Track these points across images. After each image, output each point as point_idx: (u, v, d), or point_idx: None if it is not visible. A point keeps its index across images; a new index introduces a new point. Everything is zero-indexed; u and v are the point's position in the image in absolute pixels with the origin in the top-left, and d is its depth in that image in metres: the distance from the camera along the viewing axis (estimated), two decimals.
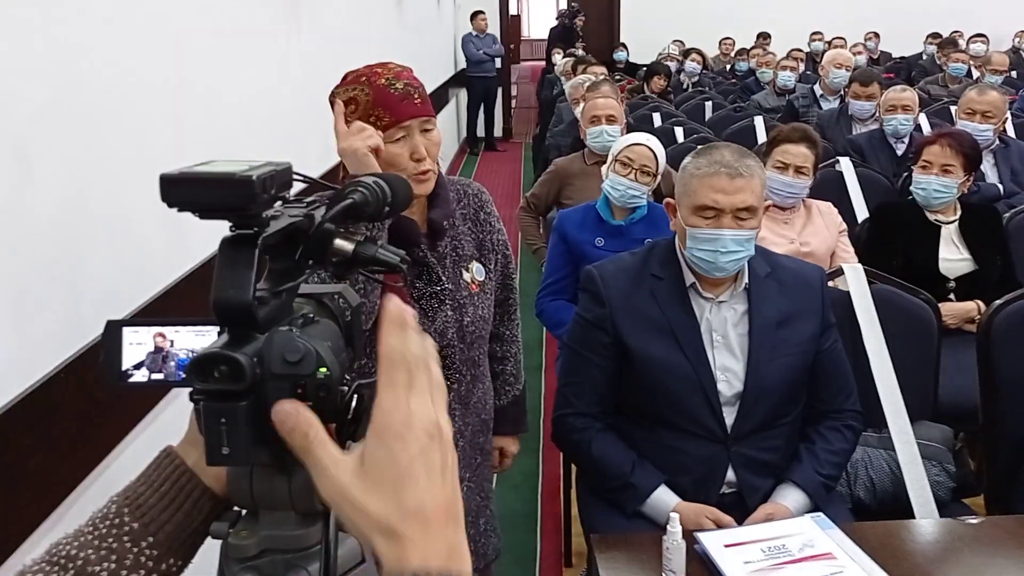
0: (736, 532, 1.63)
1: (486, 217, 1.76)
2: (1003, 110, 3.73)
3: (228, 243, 0.64)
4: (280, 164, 0.65)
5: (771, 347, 1.86)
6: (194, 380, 0.62)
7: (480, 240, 1.74)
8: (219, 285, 0.63)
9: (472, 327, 1.68)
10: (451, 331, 1.65)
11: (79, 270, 1.61)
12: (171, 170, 0.60)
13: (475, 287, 1.70)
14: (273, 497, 0.72)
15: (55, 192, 1.52)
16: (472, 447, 1.77)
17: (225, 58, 2.46)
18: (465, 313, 1.67)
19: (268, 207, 0.64)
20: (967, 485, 2.13)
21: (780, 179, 2.88)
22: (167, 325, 0.75)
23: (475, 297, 1.69)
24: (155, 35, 1.98)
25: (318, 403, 0.63)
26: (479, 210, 1.75)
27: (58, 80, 1.56)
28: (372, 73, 1.55)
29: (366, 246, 0.76)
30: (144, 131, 1.91)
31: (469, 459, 1.77)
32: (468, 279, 1.69)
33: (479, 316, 1.70)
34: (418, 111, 1.54)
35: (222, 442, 0.62)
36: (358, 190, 0.74)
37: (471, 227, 1.73)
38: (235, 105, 2.53)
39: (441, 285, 1.64)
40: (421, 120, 1.54)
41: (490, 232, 1.76)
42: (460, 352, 1.67)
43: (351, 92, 1.54)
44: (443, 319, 1.64)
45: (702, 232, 1.83)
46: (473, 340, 1.70)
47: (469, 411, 1.74)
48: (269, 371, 0.63)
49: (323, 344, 0.65)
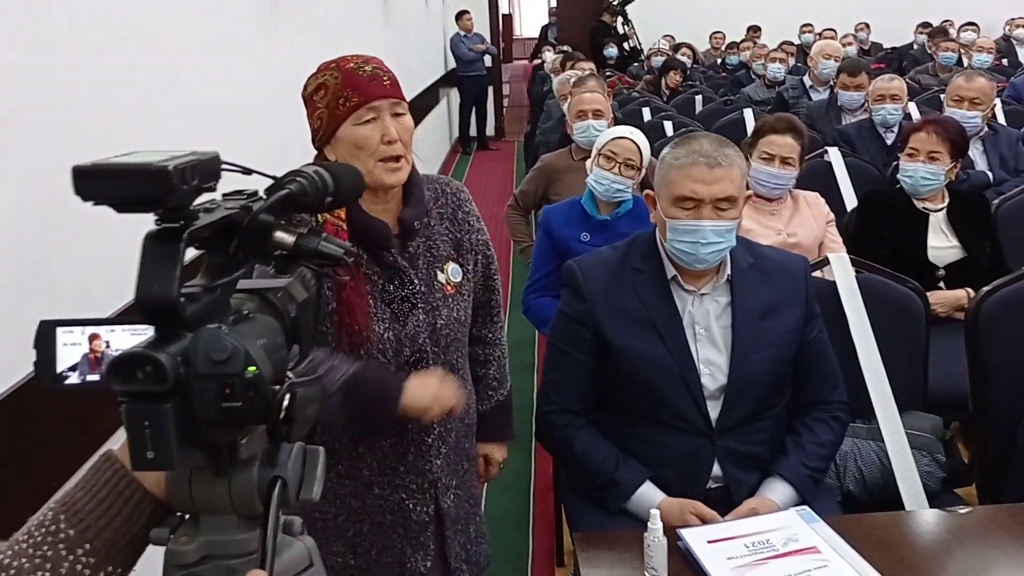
0: (719, 528, 1.60)
1: (464, 216, 1.71)
2: (991, 96, 3.71)
3: (152, 238, 0.61)
4: (205, 153, 0.62)
5: (754, 339, 1.83)
6: (115, 382, 0.59)
7: (458, 240, 1.69)
8: (142, 282, 0.60)
9: (446, 330, 1.63)
10: (423, 335, 1.60)
11: (53, 273, 1.58)
12: (84, 161, 0.58)
13: (450, 289, 1.65)
14: (213, 501, 0.70)
15: (27, 197, 1.49)
16: (457, 453, 1.73)
17: (201, 58, 2.43)
18: (439, 316, 1.62)
19: (190, 199, 0.61)
20: (958, 475, 2.11)
21: (766, 170, 2.85)
22: (101, 324, 0.73)
23: (450, 299, 1.64)
24: (130, 36, 1.96)
25: (247, 403, 0.60)
26: (457, 209, 1.70)
27: (28, 80, 1.53)
28: (341, 59, 1.55)
29: (308, 239, 0.73)
30: (118, 133, 1.89)
31: (455, 466, 1.72)
32: (443, 280, 1.64)
33: (453, 318, 1.65)
34: (388, 92, 1.52)
35: (146, 446, 0.60)
36: (296, 180, 0.72)
37: (449, 226, 1.68)
38: (213, 105, 2.50)
39: (413, 288, 1.59)
40: (391, 102, 1.52)
41: (468, 232, 1.71)
42: (435, 356, 1.62)
43: (321, 79, 1.53)
44: (414, 323, 1.59)
45: (682, 224, 1.80)
46: (448, 343, 1.65)
47: (450, 416, 1.68)
48: (195, 371, 0.60)
49: (254, 342, 0.63)
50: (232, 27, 2.76)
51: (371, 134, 1.50)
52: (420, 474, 1.65)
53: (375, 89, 1.50)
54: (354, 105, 1.49)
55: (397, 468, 1.63)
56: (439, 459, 1.67)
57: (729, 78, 7.95)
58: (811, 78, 5.62)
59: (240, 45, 2.82)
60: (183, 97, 2.26)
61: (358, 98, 1.49)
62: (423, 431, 1.63)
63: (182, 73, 2.28)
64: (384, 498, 1.64)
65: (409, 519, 1.66)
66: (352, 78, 1.50)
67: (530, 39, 19.61)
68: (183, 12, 2.32)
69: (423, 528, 1.67)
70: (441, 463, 1.67)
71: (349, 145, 1.51)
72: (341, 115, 1.50)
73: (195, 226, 0.62)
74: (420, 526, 1.67)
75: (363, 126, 1.49)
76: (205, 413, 0.61)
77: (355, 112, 1.49)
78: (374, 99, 1.50)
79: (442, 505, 1.69)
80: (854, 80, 4.53)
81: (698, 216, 1.79)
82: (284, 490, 0.69)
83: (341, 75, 1.50)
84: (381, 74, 1.53)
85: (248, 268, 0.71)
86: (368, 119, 1.50)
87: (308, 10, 3.73)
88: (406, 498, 1.65)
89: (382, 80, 1.52)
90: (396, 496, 1.65)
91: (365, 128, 1.50)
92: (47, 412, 1.46)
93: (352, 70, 1.51)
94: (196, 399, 0.60)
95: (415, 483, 1.65)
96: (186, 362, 0.60)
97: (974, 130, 3.66)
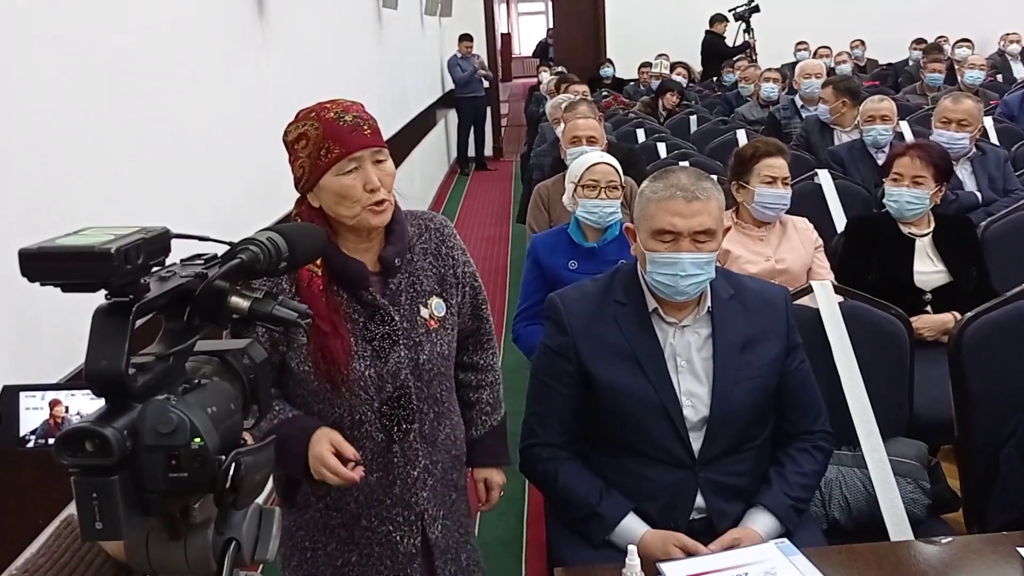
0: (699, 561, 1.61)
1: (448, 251, 1.73)
2: (978, 118, 3.73)
3: (101, 313, 0.63)
4: (152, 230, 0.64)
5: (736, 370, 1.84)
6: (64, 455, 0.61)
7: (442, 275, 1.71)
8: (91, 356, 0.62)
9: (429, 365, 1.65)
10: (405, 371, 1.62)
11: (37, 312, 1.60)
12: (30, 244, 0.60)
13: (434, 323, 1.67)
14: (170, 563, 0.72)
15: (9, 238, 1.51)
16: (444, 484, 1.75)
17: (191, 82, 2.45)
18: (421, 351, 1.64)
19: (136, 277, 0.63)
20: (944, 501, 2.11)
21: (772, 192, 2.88)
22: (63, 389, 0.74)
23: (433, 334, 1.67)
24: (115, 68, 1.98)
25: (192, 474, 0.62)
26: (441, 244, 1.72)
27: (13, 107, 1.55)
28: (321, 108, 1.55)
29: (263, 303, 0.75)
30: (107, 163, 1.91)
31: (442, 497, 1.74)
32: (426, 315, 1.66)
33: (437, 353, 1.67)
34: (368, 142, 1.54)
35: (95, 517, 0.61)
36: (248, 248, 0.74)
37: (432, 261, 1.70)
38: (199, 138, 2.52)
39: (393, 325, 1.61)
40: (372, 151, 1.54)
41: (453, 266, 1.73)
42: (418, 391, 1.65)
43: (301, 128, 1.54)
44: (396, 359, 1.61)
45: (661, 256, 1.81)
46: (432, 377, 1.67)
47: (437, 449, 1.71)
48: (143, 443, 0.62)
49: (202, 412, 0.64)
50: (222, 50, 2.79)
51: (354, 183, 1.52)
52: (407, 507, 1.67)
53: (357, 140, 1.52)
54: (336, 157, 1.50)
55: (384, 501, 1.66)
56: (425, 491, 1.69)
57: (721, 97, 7.99)
58: (800, 98, 5.68)
59: (230, 69, 2.84)
60: (173, 123, 2.28)
61: (339, 150, 1.50)
62: (409, 464, 1.65)
63: (171, 97, 2.30)
64: (372, 529, 1.67)
65: (397, 551, 1.68)
66: (333, 129, 1.51)
67: (529, 58, 19.75)
68: (171, 37, 2.34)
69: (410, 560, 1.69)
70: (428, 495, 1.69)
71: (332, 194, 1.53)
72: (323, 166, 1.51)
73: (145, 299, 0.64)
74: (408, 557, 1.69)
75: (345, 176, 1.51)
76: (153, 484, 0.62)
77: (337, 163, 1.51)
78: (355, 150, 1.51)
79: (430, 536, 1.70)
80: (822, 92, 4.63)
81: (676, 248, 1.80)
82: (238, 551, 0.71)
83: (322, 125, 1.51)
84: (362, 123, 1.54)
85: (203, 333, 0.72)
86: (350, 169, 1.52)
87: (299, 32, 3.77)
88: (393, 530, 1.67)
89: (363, 130, 1.53)
90: (383, 528, 1.67)
91: (347, 178, 1.51)
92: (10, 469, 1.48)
93: (332, 120, 1.52)
94: (144, 470, 0.61)
95: (401, 515, 1.67)
96: (133, 435, 0.62)
97: (962, 151, 3.68)
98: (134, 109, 2.06)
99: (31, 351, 1.63)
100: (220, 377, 0.74)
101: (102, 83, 1.89)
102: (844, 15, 10.62)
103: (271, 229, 0.79)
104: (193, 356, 0.74)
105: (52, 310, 1.63)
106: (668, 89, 7.24)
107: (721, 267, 2.00)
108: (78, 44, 1.81)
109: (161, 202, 2.16)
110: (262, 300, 0.75)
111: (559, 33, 13.36)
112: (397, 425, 1.63)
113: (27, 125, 1.61)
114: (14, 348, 1.56)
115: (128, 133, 2.01)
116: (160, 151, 2.21)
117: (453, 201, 9.30)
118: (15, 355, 1.56)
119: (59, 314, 1.64)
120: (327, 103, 1.56)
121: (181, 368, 0.71)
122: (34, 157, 1.63)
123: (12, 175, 1.56)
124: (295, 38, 3.66)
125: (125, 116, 2.00)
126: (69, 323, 1.63)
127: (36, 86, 1.64)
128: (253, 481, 0.65)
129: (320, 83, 4.13)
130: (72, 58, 1.80)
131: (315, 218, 1.55)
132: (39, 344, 1.65)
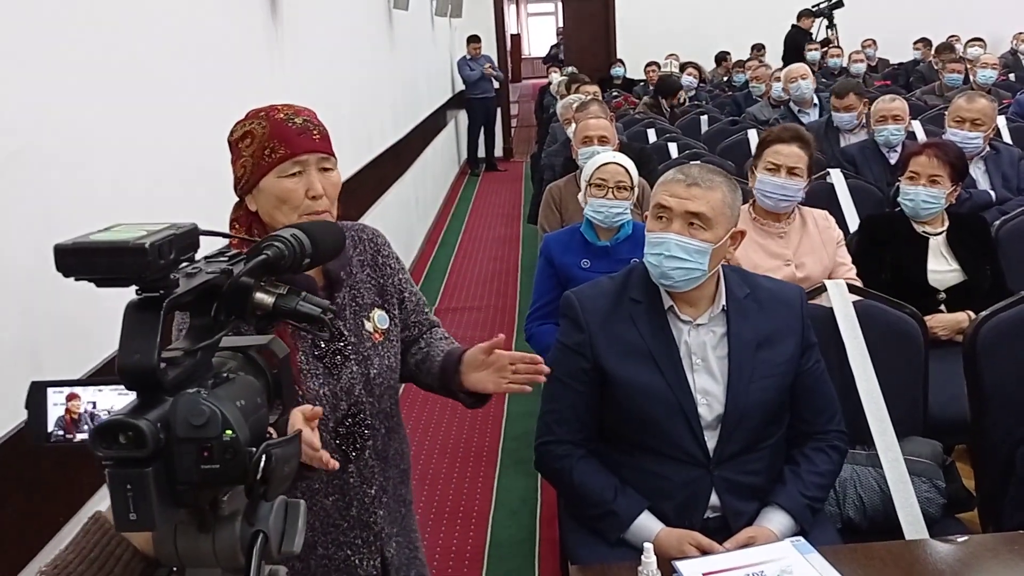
0: (715, 559, 1.61)
1: (384, 260, 1.67)
2: (992, 117, 3.72)
3: (133, 307, 0.64)
4: (182, 226, 0.65)
5: (751, 369, 1.85)
6: (98, 447, 0.62)
7: (381, 286, 1.66)
8: (124, 351, 0.63)
9: (379, 379, 1.59)
10: (358, 387, 1.56)
11: (47, 319, 1.61)
12: (66, 240, 0.61)
13: (378, 336, 1.61)
14: (198, 555, 0.73)
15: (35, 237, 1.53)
16: (396, 500, 1.69)
17: (204, 86, 2.47)
18: (371, 366, 1.58)
19: (167, 272, 0.64)
20: (959, 501, 2.10)
21: (771, 180, 2.74)
22: (89, 385, 0.75)
23: (379, 347, 1.61)
24: (129, 69, 2.00)
25: (224, 465, 0.63)
26: (376, 254, 1.67)
27: (30, 118, 1.57)
28: (271, 109, 1.49)
29: (287, 299, 0.76)
30: (123, 169, 1.93)
31: (394, 513, 1.68)
32: (370, 328, 1.60)
33: (385, 366, 1.61)
34: (316, 146, 1.47)
35: (129, 508, 0.62)
36: (274, 245, 0.75)
37: (370, 273, 1.65)
38: (213, 139, 2.54)
39: (344, 340, 1.56)
40: (319, 156, 1.48)
41: (390, 275, 1.67)
42: (370, 406, 1.58)
43: (248, 126, 1.48)
44: (348, 375, 1.55)
45: (653, 236, 1.84)
46: (383, 392, 1.61)
47: (389, 464, 1.65)
48: (175, 435, 0.63)
49: (232, 405, 0.65)
50: (235, 53, 2.80)
51: (295, 188, 1.45)
52: (365, 527, 1.61)
53: (303, 142, 1.46)
54: (280, 157, 1.44)
55: (340, 524, 1.59)
56: (381, 509, 1.63)
57: (731, 97, 7.98)
58: (794, 102, 5.70)
59: (244, 70, 2.86)
60: (187, 124, 2.30)
61: (284, 150, 1.44)
62: (365, 483, 1.60)
63: (185, 107, 2.32)
64: (329, 557, 1.59)
65: (355, 575, 1.61)
66: (280, 129, 1.45)
67: (538, 59, 19.77)
68: (186, 38, 2.36)
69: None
70: (383, 513, 1.63)
71: (272, 197, 1.46)
72: (265, 166, 1.45)
73: (175, 294, 0.65)
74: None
75: (288, 179, 1.45)
76: (185, 476, 0.63)
77: (280, 164, 1.45)
78: (301, 153, 1.45)
79: (386, 555, 1.65)
80: (842, 102, 4.59)
81: (667, 228, 1.82)
82: (266, 543, 0.72)
83: (269, 125, 1.46)
84: (311, 127, 1.49)
85: (229, 329, 0.73)
86: (293, 172, 1.45)
87: (312, 34, 3.78)
88: (352, 554, 1.60)
89: (311, 134, 1.48)
90: (341, 553, 1.60)
91: (289, 181, 1.45)
92: (48, 451, 1.49)
93: (281, 120, 1.47)
94: (176, 462, 0.62)
95: (360, 537, 1.61)
96: (166, 427, 0.63)
97: (976, 151, 3.67)
98: (147, 110, 2.08)
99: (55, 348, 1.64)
100: (245, 372, 0.75)
101: (115, 84, 1.90)
102: (854, 13, 10.58)
103: (295, 226, 0.80)
104: (218, 352, 0.75)
105: (69, 308, 1.64)
106: (677, 89, 7.24)
107: (736, 267, 2.00)
108: (92, 45, 1.82)
109: (175, 203, 2.18)
110: (286, 296, 0.76)
111: (569, 34, 13.36)
112: (352, 444, 1.57)
113: (42, 126, 1.62)
114: (37, 346, 1.58)
115: (141, 134, 2.03)
116: (173, 152, 2.22)
117: (464, 202, 9.32)
118: (36, 353, 1.58)
119: (77, 312, 1.66)
120: (279, 105, 1.51)
121: (208, 363, 0.72)
122: (48, 158, 1.65)
123: (26, 176, 1.58)
124: (308, 39, 3.68)
125: (138, 117, 2.01)
126: (86, 322, 1.65)
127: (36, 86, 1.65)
128: (282, 473, 0.66)
129: (332, 84, 4.15)
130: (86, 59, 1.82)
131: (253, 224, 1.49)
132: (61, 342, 1.66)
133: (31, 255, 1.52)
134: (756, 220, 2.83)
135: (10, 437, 1.45)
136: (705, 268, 1.82)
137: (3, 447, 1.43)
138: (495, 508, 3.29)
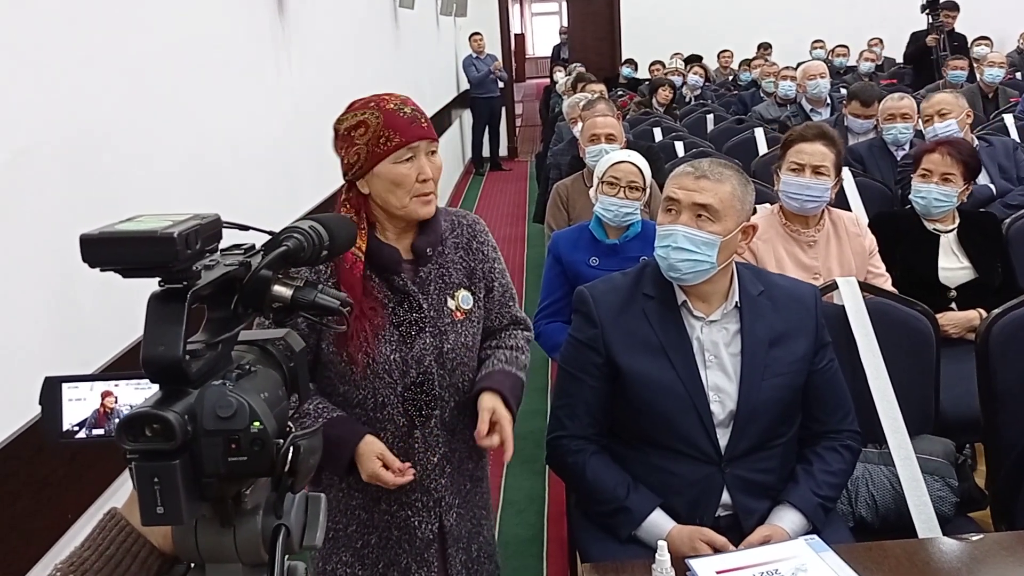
0: (728, 557, 1.60)
1: (479, 247, 1.78)
2: (958, 105, 3.83)
3: (157, 299, 0.63)
4: (206, 217, 0.65)
5: (763, 367, 1.84)
6: (124, 440, 0.61)
7: (471, 269, 1.76)
8: (148, 342, 0.62)
9: (453, 354, 1.69)
10: (429, 358, 1.66)
11: (63, 315, 1.61)
12: (91, 230, 0.60)
13: (460, 315, 1.71)
14: (219, 550, 0.72)
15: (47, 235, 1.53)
16: (460, 474, 1.78)
17: (211, 87, 2.47)
18: (446, 340, 1.68)
19: (194, 262, 0.64)
20: (972, 499, 2.09)
21: (795, 181, 2.59)
22: (105, 380, 0.75)
23: (458, 324, 1.71)
24: (136, 69, 2.00)
25: (252, 457, 0.62)
26: (472, 239, 1.77)
27: (41, 117, 1.57)
28: (380, 99, 1.61)
29: (305, 291, 0.76)
30: (131, 168, 1.92)
31: (459, 486, 1.77)
32: (453, 306, 1.70)
33: (460, 343, 1.70)
34: (425, 134, 1.61)
35: (156, 501, 0.62)
36: (293, 236, 0.74)
37: (463, 255, 1.75)
38: (223, 139, 2.54)
39: (421, 312, 1.66)
40: (428, 143, 1.62)
41: (482, 261, 1.77)
42: (440, 378, 1.68)
43: (360, 116, 1.59)
44: (421, 346, 1.66)
45: (662, 228, 1.85)
46: (455, 367, 1.70)
47: (456, 438, 1.74)
48: (202, 427, 0.62)
49: (257, 397, 0.65)
50: (243, 50, 2.80)
51: (408, 172, 1.59)
52: (426, 492, 1.72)
53: (415, 131, 1.59)
54: (396, 145, 1.57)
55: (404, 485, 1.66)
56: (444, 478, 1.73)
57: (737, 96, 7.97)
58: (808, 100, 5.66)
59: (251, 69, 2.86)
60: (194, 123, 2.30)
61: (400, 139, 1.57)
62: (429, 450, 1.69)
63: (192, 109, 2.32)
64: (391, 513, 1.72)
65: (415, 536, 1.72)
66: (394, 119, 1.58)
67: (543, 58, 19.75)
68: (193, 37, 2.36)
69: (428, 545, 1.73)
70: (446, 482, 1.73)
71: (386, 181, 1.59)
72: (381, 154, 1.58)
73: (198, 286, 0.65)
74: (425, 543, 1.73)
75: (401, 164, 1.59)
76: (213, 468, 0.63)
77: (396, 152, 1.58)
78: (413, 140, 1.59)
79: (445, 523, 1.75)
80: (866, 110, 4.52)
81: (675, 220, 1.82)
82: (288, 537, 0.71)
83: (383, 115, 1.58)
84: (419, 116, 1.62)
85: (248, 322, 0.73)
86: (407, 158, 1.59)
87: (318, 32, 3.78)
88: (412, 515, 1.72)
89: (420, 122, 1.61)
90: (403, 512, 1.72)
91: (403, 166, 1.59)
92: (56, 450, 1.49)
93: (393, 111, 1.59)
94: (204, 455, 0.62)
95: (420, 500, 1.72)
96: (193, 419, 0.62)
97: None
98: (155, 109, 2.08)
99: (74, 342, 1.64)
100: (263, 365, 0.74)
101: (122, 84, 1.90)
102: (859, 13, 10.56)
103: (311, 218, 0.80)
104: (236, 345, 0.75)
105: (91, 301, 1.64)
106: (660, 85, 7.32)
107: (750, 264, 1.99)
108: (100, 47, 1.82)
109: (184, 201, 2.17)
110: (304, 288, 0.76)
111: (574, 33, 13.35)
112: (419, 411, 1.67)
113: (54, 127, 1.62)
114: (53, 340, 1.57)
115: (150, 134, 2.02)
116: (182, 151, 2.22)
117: (468, 201, 9.31)
118: (52, 348, 1.57)
119: (96, 306, 1.65)
120: (384, 95, 1.63)
121: (228, 356, 0.71)
122: (62, 157, 1.65)
123: (42, 174, 1.57)
124: (314, 38, 3.67)
125: (147, 117, 2.01)
126: (104, 316, 1.65)
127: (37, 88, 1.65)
128: (308, 465, 0.66)
129: (339, 83, 4.15)
130: (95, 60, 1.81)
131: (362, 205, 1.63)
132: (79, 336, 1.66)
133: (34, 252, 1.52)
134: (786, 227, 2.68)
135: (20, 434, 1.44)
136: (713, 261, 1.81)
137: (12, 445, 1.43)
138: (502, 506, 3.28)
